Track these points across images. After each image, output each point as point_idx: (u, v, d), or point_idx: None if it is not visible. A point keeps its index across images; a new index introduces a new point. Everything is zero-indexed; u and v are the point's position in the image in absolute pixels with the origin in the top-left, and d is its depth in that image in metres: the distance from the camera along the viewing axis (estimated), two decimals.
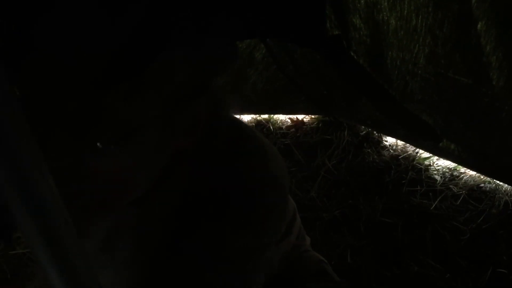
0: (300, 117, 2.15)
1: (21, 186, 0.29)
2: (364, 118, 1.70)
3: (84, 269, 0.34)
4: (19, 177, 0.29)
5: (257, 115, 2.22)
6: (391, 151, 1.90)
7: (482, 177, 1.67)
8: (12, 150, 0.28)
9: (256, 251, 0.67)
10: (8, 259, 1.56)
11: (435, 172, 1.76)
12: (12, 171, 0.28)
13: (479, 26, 0.91)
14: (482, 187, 1.66)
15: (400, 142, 1.90)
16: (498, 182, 1.61)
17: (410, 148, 1.87)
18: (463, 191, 1.64)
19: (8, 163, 0.28)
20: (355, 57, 1.30)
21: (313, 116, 2.14)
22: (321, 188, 1.75)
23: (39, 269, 0.34)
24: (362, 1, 1.17)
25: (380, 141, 1.95)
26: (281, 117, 2.20)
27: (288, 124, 2.15)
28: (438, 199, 1.62)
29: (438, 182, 1.71)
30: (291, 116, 2.16)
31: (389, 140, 1.95)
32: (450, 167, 1.76)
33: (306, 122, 2.13)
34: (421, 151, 1.82)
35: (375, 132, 1.97)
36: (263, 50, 1.63)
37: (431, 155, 1.78)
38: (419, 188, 1.69)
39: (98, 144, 0.49)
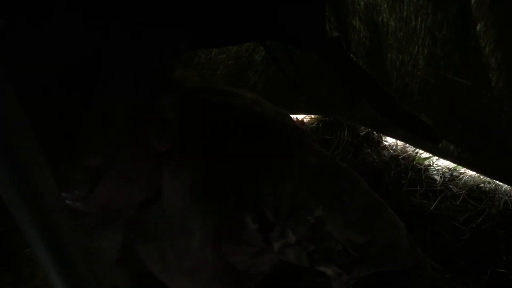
0: (300, 117, 2.15)
1: (21, 185, 0.29)
2: (364, 118, 1.70)
3: (84, 269, 0.34)
4: (19, 176, 0.29)
5: None
6: (391, 151, 1.90)
7: (482, 177, 1.67)
8: (12, 149, 0.28)
9: None
10: (8, 259, 1.56)
11: (435, 172, 1.76)
12: (12, 170, 0.28)
13: (478, 27, 0.91)
14: (482, 187, 1.66)
15: (400, 142, 1.90)
16: (498, 182, 1.61)
17: (410, 148, 1.87)
18: (463, 191, 1.64)
19: (8, 162, 0.28)
20: (354, 58, 1.30)
21: (313, 116, 2.14)
22: None
23: (39, 269, 0.34)
24: (361, 3, 1.17)
25: (380, 141, 1.96)
26: None
27: None
28: (438, 199, 1.63)
29: (438, 182, 1.71)
30: (291, 116, 2.16)
31: (389, 140, 1.95)
32: (450, 167, 1.76)
33: (306, 122, 2.14)
34: (421, 151, 1.82)
35: (375, 132, 1.97)
36: (262, 52, 1.64)
37: (430, 155, 1.78)
38: (419, 188, 1.70)
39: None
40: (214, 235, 0.67)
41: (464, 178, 1.70)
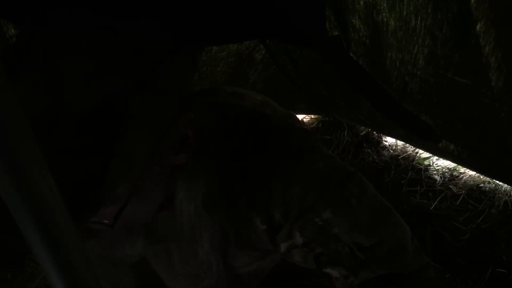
0: (300, 117, 2.14)
1: (21, 185, 0.29)
2: (364, 118, 1.70)
3: (85, 269, 0.34)
4: (19, 176, 0.28)
5: None
6: (391, 151, 1.90)
7: (481, 177, 1.67)
8: (12, 148, 0.27)
9: None
10: (8, 259, 1.56)
11: (434, 172, 1.76)
12: (12, 169, 0.28)
13: (478, 26, 0.91)
14: (481, 187, 1.66)
15: (400, 142, 1.90)
16: (497, 182, 1.61)
17: (410, 148, 1.87)
18: (463, 191, 1.64)
19: (8, 162, 0.28)
20: (354, 57, 1.30)
21: (313, 116, 2.14)
22: None
23: (39, 269, 0.34)
24: (361, 2, 1.17)
25: (379, 141, 1.95)
26: None
27: None
28: (437, 199, 1.62)
29: (437, 182, 1.71)
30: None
31: (389, 140, 1.94)
32: (450, 167, 1.76)
33: (306, 122, 2.13)
34: (420, 151, 1.82)
35: (374, 132, 1.97)
36: (262, 51, 1.63)
37: (430, 155, 1.78)
38: (418, 188, 1.69)
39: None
40: (222, 241, 0.67)
41: (464, 178, 1.70)
